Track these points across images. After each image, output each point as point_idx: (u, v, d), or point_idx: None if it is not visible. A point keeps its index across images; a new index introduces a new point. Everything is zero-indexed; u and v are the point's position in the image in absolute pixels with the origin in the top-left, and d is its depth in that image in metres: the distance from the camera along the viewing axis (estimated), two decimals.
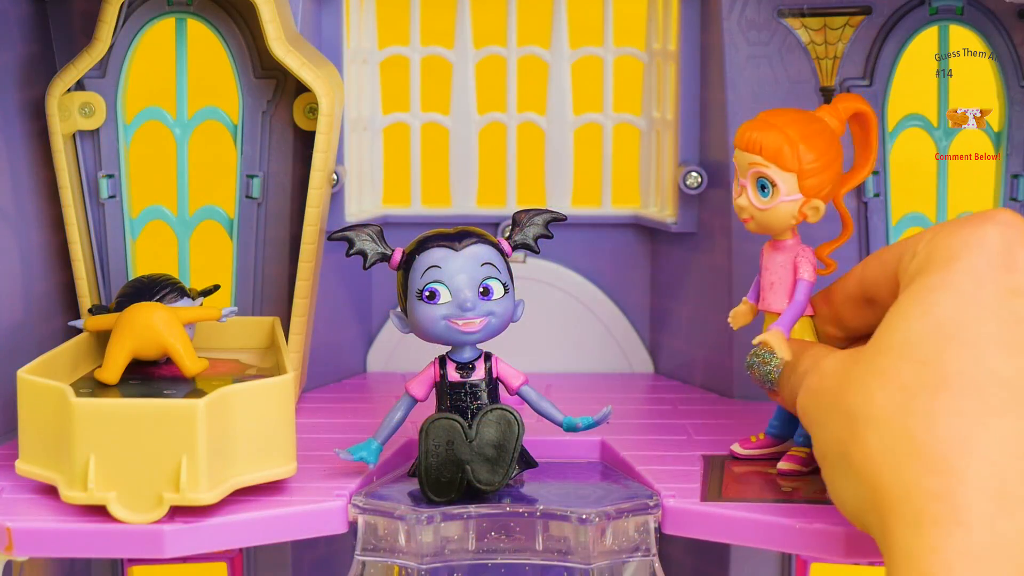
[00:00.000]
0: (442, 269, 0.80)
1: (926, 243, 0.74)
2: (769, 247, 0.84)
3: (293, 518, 0.79)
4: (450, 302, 0.80)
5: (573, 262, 1.05)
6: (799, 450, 0.83)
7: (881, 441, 0.69)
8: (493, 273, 0.81)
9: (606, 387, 1.01)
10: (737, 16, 0.95)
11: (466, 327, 0.80)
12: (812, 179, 0.81)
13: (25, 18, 0.92)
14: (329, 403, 0.97)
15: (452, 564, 0.79)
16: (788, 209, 0.81)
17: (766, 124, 0.81)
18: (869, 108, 0.85)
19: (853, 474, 0.70)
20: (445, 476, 0.80)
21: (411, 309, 0.80)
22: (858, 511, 0.70)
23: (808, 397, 0.75)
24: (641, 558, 0.80)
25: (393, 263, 0.82)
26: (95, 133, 0.95)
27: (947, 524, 0.66)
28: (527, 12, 1.05)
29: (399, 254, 0.81)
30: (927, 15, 0.95)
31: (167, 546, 0.76)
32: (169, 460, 0.76)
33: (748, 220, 0.83)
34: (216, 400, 0.77)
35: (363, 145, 1.04)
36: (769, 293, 0.84)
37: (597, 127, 1.06)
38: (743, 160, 0.82)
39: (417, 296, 0.80)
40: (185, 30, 0.95)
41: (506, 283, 0.81)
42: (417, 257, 0.80)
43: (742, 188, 0.82)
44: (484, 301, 0.80)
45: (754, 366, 0.82)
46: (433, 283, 0.80)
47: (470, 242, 0.81)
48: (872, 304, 0.80)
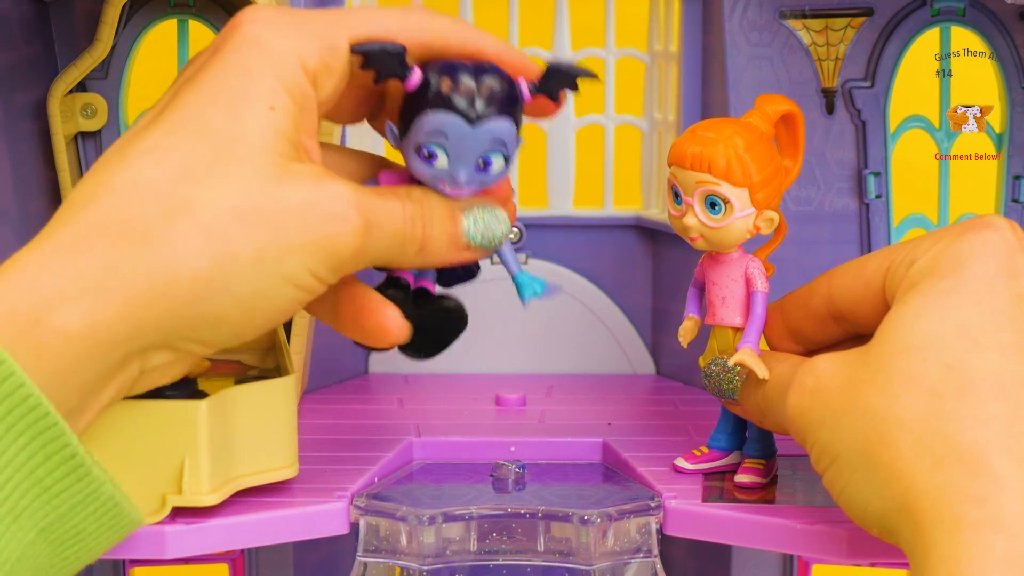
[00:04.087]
0: (448, 139, 0.74)
1: (928, 249, 0.73)
2: (712, 261, 0.82)
3: (295, 519, 0.78)
4: (446, 169, 0.75)
5: (574, 263, 1.05)
6: (754, 462, 0.83)
7: (915, 442, 0.68)
8: (498, 148, 0.75)
9: (607, 388, 1.01)
10: (739, 17, 0.95)
11: (454, 193, 0.76)
12: (763, 191, 0.79)
13: (27, 19, 0.92)
14: (331, 404, 0.97)
15: (454, 565, 0.79)
16: (743, 224, 0.79)
17: (708, 139, 0.79)
18: (796, 107, 0.82)
19: (880, 475, 0.69)
20: None
21: (406, 149, 0.76)
22: (882, 512, 0.69)
23: (805, 398, 0.73)
24: (643, 559, 0.80)
25: (409, 85, 0.75)
26: (97, 134, 0.95)
27: (988, 530, 0.65)
28: (529, 13, 1.05)
29: (417, 75, 0.75)
30: (928, 16, 0.95)
31: (169, 547, 0.76)
32: (171, 461, 0.76)
33: (697, 239, 0.80)
34: (218, 401, 0.77)
35: (364, 146, 1.04)
36: (721, 308, 0.82)
37: (599, 128, 1.06)
38: (688, 179, 0.79)
39: (415, 149, 0.75)
40: (187, 31, 0.95)
41: (508, 156, 0.76)
42: (428, 111, 0.74)
43: (687, 207, 0.80)
44: (479, 174, 0.75)
45: (713, 375, 0.81)
46: (434, 146, 0.74)
47: (488, 113, 0.74)
48: (840, 320, 0.79)
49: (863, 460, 0.70)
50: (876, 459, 0.69)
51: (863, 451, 0.70)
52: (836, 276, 0.79)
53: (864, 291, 0.77)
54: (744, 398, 0.80)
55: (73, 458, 0.67)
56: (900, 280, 0.74)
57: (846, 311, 0.79)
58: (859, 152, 0.96)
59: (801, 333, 0.81)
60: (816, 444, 0.73)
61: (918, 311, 0.71)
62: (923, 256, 0.73)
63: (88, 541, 0.69)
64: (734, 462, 0.84)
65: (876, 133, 0.96)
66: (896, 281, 0.74)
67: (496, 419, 0.93)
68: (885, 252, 0.77)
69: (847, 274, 0.78)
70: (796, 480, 0.83)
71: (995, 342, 0.69)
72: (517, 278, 0.78)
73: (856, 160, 0.96)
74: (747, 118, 0.81)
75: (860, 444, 0.70)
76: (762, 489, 0.82)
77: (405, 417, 0.93)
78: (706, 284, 0.83)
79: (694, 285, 0.84)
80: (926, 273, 0.72)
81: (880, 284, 0.76)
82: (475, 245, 0.76)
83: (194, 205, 0.68)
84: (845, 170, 0.96)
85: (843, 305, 0.79)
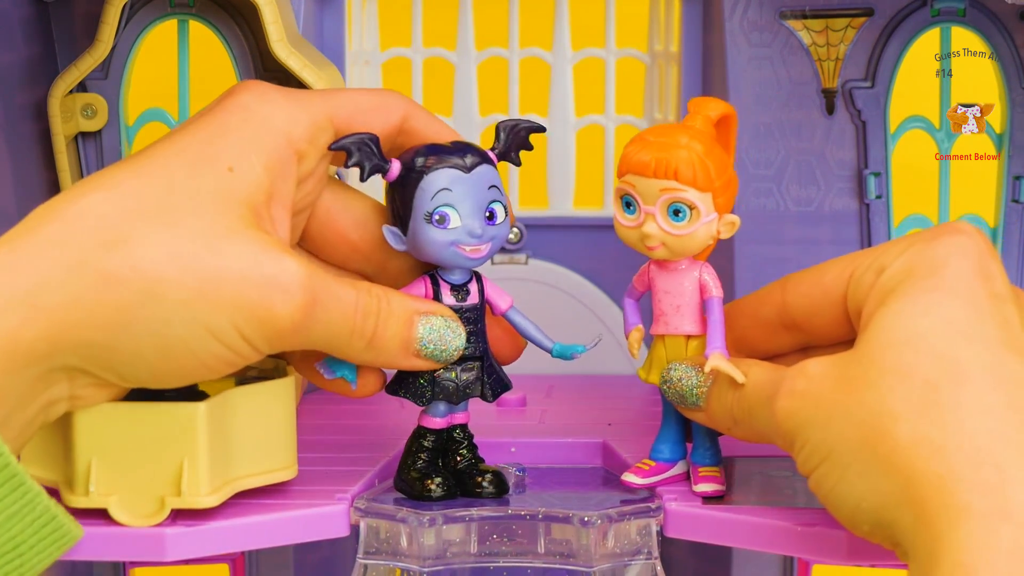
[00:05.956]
0: (453, 192, 0.77)
1: (899, 255, 0.73)
2: (660, 269, 0.81)
3: (295, 521, 0.78)
4: (459, 227, 0.77)
5: (574, 263, 1.05)
6: (710, 470, 0.82)
7: (912, 432, 0.68)
8: (497, 196, 0.78)
9: (608, 388, 1.01)
10: (739, 18, 0.95)
11: (473, 253, 0.78)
12: (723, 195, 0.78)
13: (27, 19, 0.92)
14: (330, 405, 0.97)
15: (454, 567, 0.79)
16: (707, 230, 0.78)
17: (667, 145, 0.77)
18: (732, 108, 0.81)
19: (877, 469, 0.69)
20: None
21: (416, 230, 0.78)
22: (878, 507, 0.69)
23: (796, 401, 0.73)
24: (643, 561, 0.80)
25: (390, 176, 0.78)
26: (97, 135, 0.95)
27: (994, 519, 0.65)
28: (529, 13, 1.05)
29: (397, 167, 0.78)
30: (929, 16, 0.95)
31: (168, 549, 0.76)
32: (170, 463, 0.76)
33: (656, 247, 0.79)
34: (217, 402, 0.77)
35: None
36: (675, 316, 0.80)
37: (599, 128, 1.06)
38: (650, 187, 0.77)
39: (426, 219, 0.77)
40: (187, 32, 0.95)
41: (506, 206, 0.79)
42: (426, 176, 0.77)
43: (646, 216, 0.78)
44: (489, 226, 0.78)
45: (675, 381, 0.80)
46: (444, 207, 0.77)
47: (477, 162, 0.78)
48: (793, 329, 0.79)
49: (857, 455, 0.70)
50: (871, 453, 0.69)
51: (857, 447, 0.70)
52: (791, 284, 0.79)
53: (823, 299, 0.77)
54: (713, 404, 0.79)
55: (6, 467, 0.68)
56: (868, 287, 0.74)
57: (801, 320, 0.78)
58: (859, 152, 0.96)
59: (745, 341, 0.81)
60: (807, 444, 0.72)
61: (902, 309, 0.71)
62: (894, 262, 0.73)
63: (28, 555, 0.70)
64: (681, 471, 0.83)
65: (876, 133, 0.96)
66: (862, 289, 0.74)
67: (496, 419, 0.93)
68: (846, 260, 0.76)
69: (804, 282, 0.78)
70: (796, 482, 0.83)
71: (982, 336, 0.69)
72: (555, 350, 0.81)
73: (856, 160, 0.96)
74: (688, 123, 0.79)
75: (854, 440, 0.70)
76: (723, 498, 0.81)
77: (405, 418, 0.93)
78: (654, 293, 0.81)
79: (630, 295, 0.82)
80: (903, 277, 0.72)
81: (841, 292, 0.76)
82: (426, 354, 0.78)
83: (131, 240, 0.71)
84: (845, 170, 0.96)
85: (798, 314, 0.78)
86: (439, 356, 0.78)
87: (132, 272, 0.70)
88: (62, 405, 0.73)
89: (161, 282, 0.70)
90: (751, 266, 0.96)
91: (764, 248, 0.94)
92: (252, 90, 0.77)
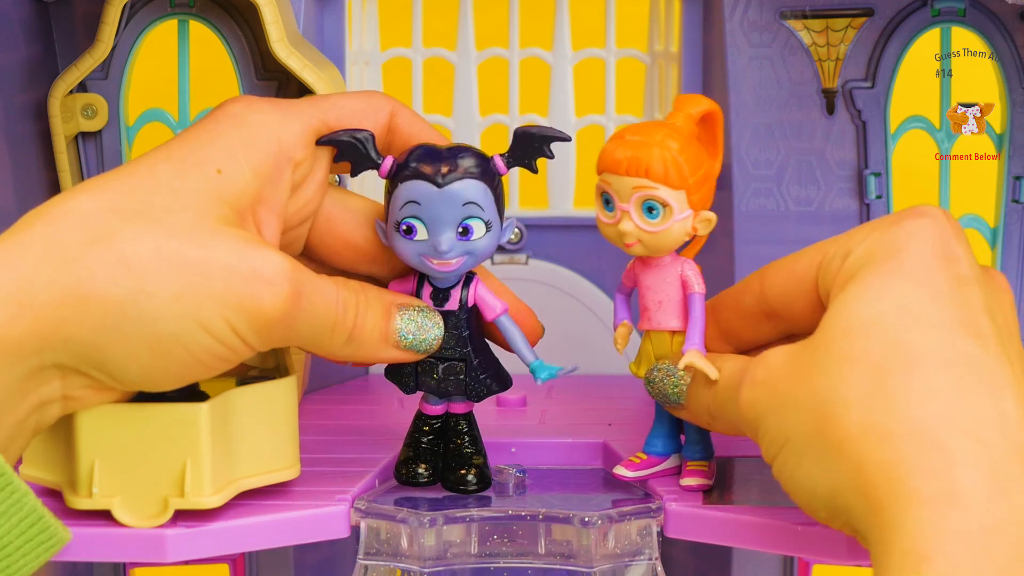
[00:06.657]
0: (421, 206, 0.77)
1: (863, 240, 0.73)
2: (644, 266, 0.81)
3: (295, 522, 0.78)
4: (425, 241, 0.77)
5: (575, 263, 1.05)
6: (698, 464, 0.82)
7: (861, 419, 0.68)
8: (475, 212, 0.77)
9: (608, 388, 1.01)
10: (739, 18, 0.95)
11: (440, 267, 0.78)
12: (698, 192, 0.78)
13: (27, 20, 0.92)
14: (332, 405, 0.97)
15: (455, 568, 0.79)
16: (681, 227, 0.78)
17: (641, 143, 0.78)
18: (717, 106, 0.81)
19: (828, 455, 0.69)
20: None
21: (390, 233, 0.78)
22: (832, 493, 0.69)
23: (757, 389, 0.73)
24: (643, 561, 0.80)
25: (382, 172, 0.78)
26: (97, 135, 0.95)
27: (943, 504, 0.65)
28: (529, 14, 1.05)
29: (389, 163, 0.78)
30: (929, 17, 0.95)
31: (169, 550, 0.76)
32: (173, 464, 0.76)
33: (634, 244, 0.79)
34: (219, 403, 0.77)
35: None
36: (658, 312, 0.81)
37: (599, 129, 1.06)
38: (623, 185, 0.78)
39: (395, 227, 0.78)
40: (187, 32, 0.95)
41: (489, 220, 0.78)
42: (400, 185, 0.77)
43: (622, 213, 0.78)
44: (462, 241, 0.77)
45: (657, 381, 0.80)
46: (410, 218, 0.77)
47: (454, 177, 0.77)
48: (773, 318, 0.79)
49: (811, 442, 0.70)
50: (824, 440, 0.69)
51: (811, 433, 0.70)
52: (769, 273, 0.79)
53: (797, 287, 0.77)
54: (692, 401, 0.79)
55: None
56: (835, 273, 0.74)
57: (779, 308, 0.79)
58: (859, 152, 0.96)
59: (733, 333, 0.81)
60: (767, 433, 0.73)
61: (858, 295, 0.71)
62: (858, 247, 0.73)
63: (15, 556, 0.70)
64: (674, 465, 0.83)
65: (876, 133, 0.96)
66: (831, 274, 0.74)
67: (496, 420, 0.93)
68: (817, 247, 0.77)
69: (780, 270, 0.78)
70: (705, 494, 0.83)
71: (936, 319, 0.69)
72: (532, 365, 0.81)
73: (856, 160, 0.96)
74: (670, 120, 0.80)
75: (808, 427, 0.70)
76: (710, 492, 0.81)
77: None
78: (639, 289, 0.82)
79: (620, 291, 0.83)
80: (865, 262, 0.72)
81: (812, 279, 0.76)
82: (405, 345, 0.79)
83: (117, 236, 0.71)
84: (845, 170, 0.97)
85: (776, 302, 0.79)
86: (418, 346, 0.79)
87: (121, 269, 0.70)
88: (56, 407, 0.73)
89: (149, 277, 0.71)
90: (751, 266, 0.96)
91: (764, 248, 0.94)
92: (243, 101, 0.78)
